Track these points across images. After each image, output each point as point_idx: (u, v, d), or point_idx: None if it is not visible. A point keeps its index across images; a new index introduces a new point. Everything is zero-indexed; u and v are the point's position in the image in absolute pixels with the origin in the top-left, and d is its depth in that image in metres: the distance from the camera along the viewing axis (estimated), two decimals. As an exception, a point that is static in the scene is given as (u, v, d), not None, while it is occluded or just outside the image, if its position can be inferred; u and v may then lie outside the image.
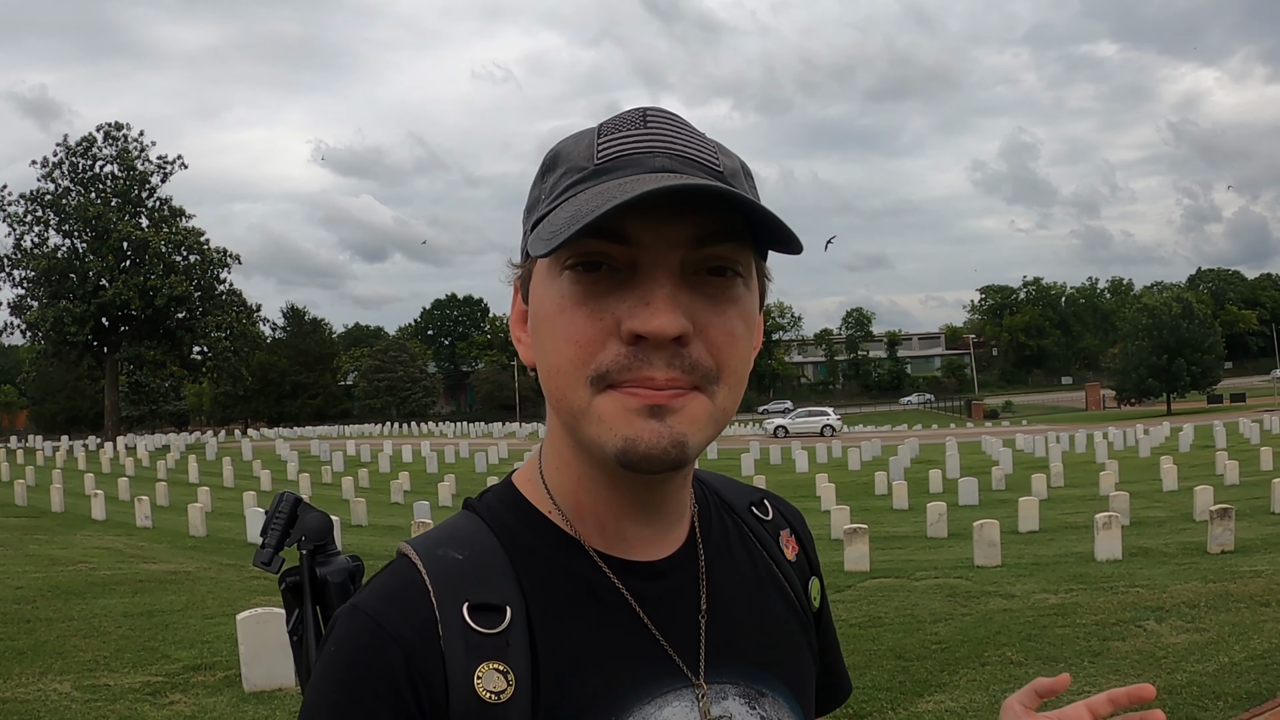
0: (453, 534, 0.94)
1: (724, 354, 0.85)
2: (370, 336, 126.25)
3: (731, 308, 0.86)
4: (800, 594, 1.09)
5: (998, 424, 67.32)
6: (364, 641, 0.85)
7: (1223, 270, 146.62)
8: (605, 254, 0.83)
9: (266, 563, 1.21)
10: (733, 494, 1.13)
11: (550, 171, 0.91)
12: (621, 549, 0.95)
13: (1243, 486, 21.22)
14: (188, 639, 9.34)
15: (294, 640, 1.17)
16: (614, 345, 0.83)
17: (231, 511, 21.68)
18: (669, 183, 0.77)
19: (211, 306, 65.61)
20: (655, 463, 0.83)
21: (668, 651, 0.92)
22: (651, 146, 0.86)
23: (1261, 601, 9.32)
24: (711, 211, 0.82)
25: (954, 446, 33.31)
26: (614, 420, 0.83)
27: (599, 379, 0.83)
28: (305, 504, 1.23)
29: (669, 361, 0.82)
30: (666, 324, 0.80)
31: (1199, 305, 78.60)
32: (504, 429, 72.81)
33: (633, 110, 0.90)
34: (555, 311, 0.86)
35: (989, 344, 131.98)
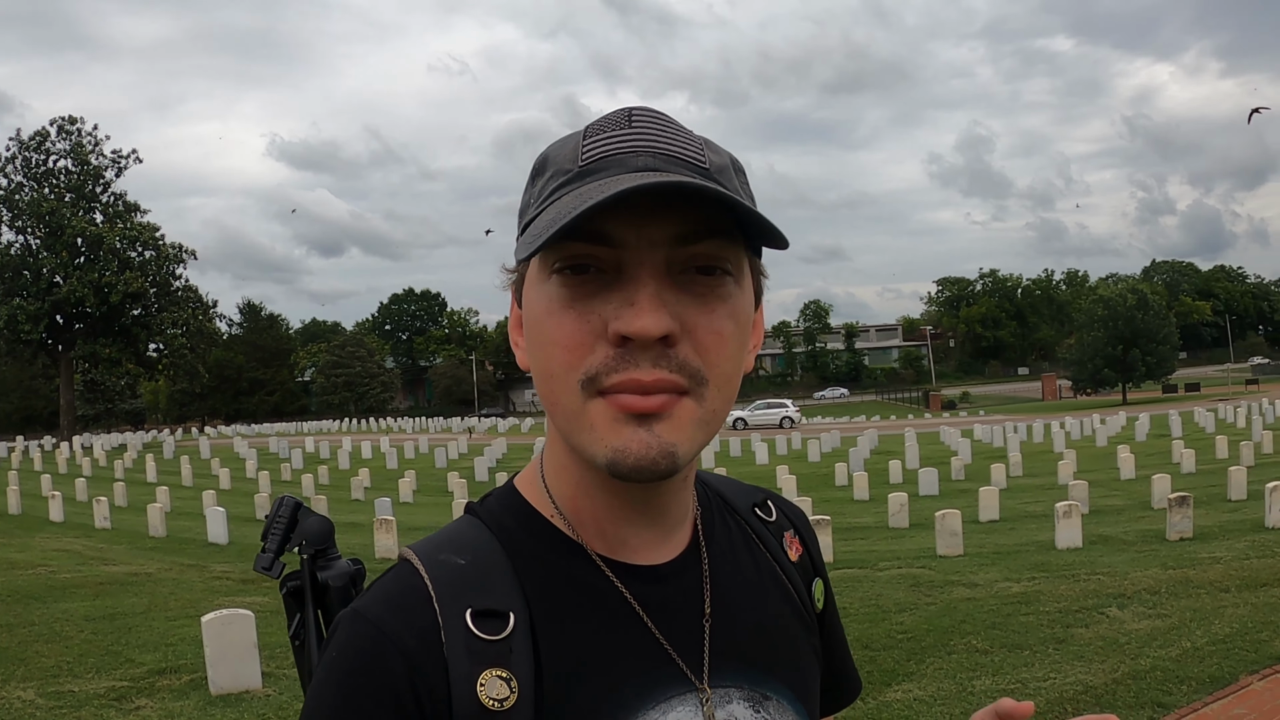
0: (455, 539, 0.94)
1: (712, 355, 0.84)
2: (327, 332, 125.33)
3: (720, 307, 0.85)
4: (804, 595, 1.08)
5: (955, 415, 67.89)
6: (366, 648, 0.84)
7: (1177, 262, 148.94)
8: (591, 256, 0.82)
9: (267, 567, 1.21)
10: (736, 495, 1.12)
11: (539, 175, 0.90)
12: (624, 553, 0.94)
13: (1199, 475, 21.57)
14: (151, 642, 9.21)
15: (296, 645, 1.17)
16: (602, 348, 0.82)
17: (191, 511, 21.51)
18: (643, 181, 0.77)
19: (167, 303, 64.73)
20: (645, 473, 0.82)
21: (672, 656, 0.91)
22: (635, 146, 0.85)
23: (1221, 587, 9.47)
24: (695, 209, 0.81)
25: (913, 437, 33.65)
26: (604, 430, 0.82)
27: (589, 382, 0.82)
28: (306, 508, 1.23)
29: (655, 362, 0.81)
30: (651, 324, 0.79)
31: (1154, 296, 79.39)
32: (463, 424, 72.58)
33: (618, 111, 0.89)
34: (544, 315, 0.85)
35: (946, 335, 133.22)
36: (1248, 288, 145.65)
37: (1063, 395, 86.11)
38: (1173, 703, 6.49)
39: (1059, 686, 6.88)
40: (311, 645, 1.13)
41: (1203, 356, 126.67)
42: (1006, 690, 6.86)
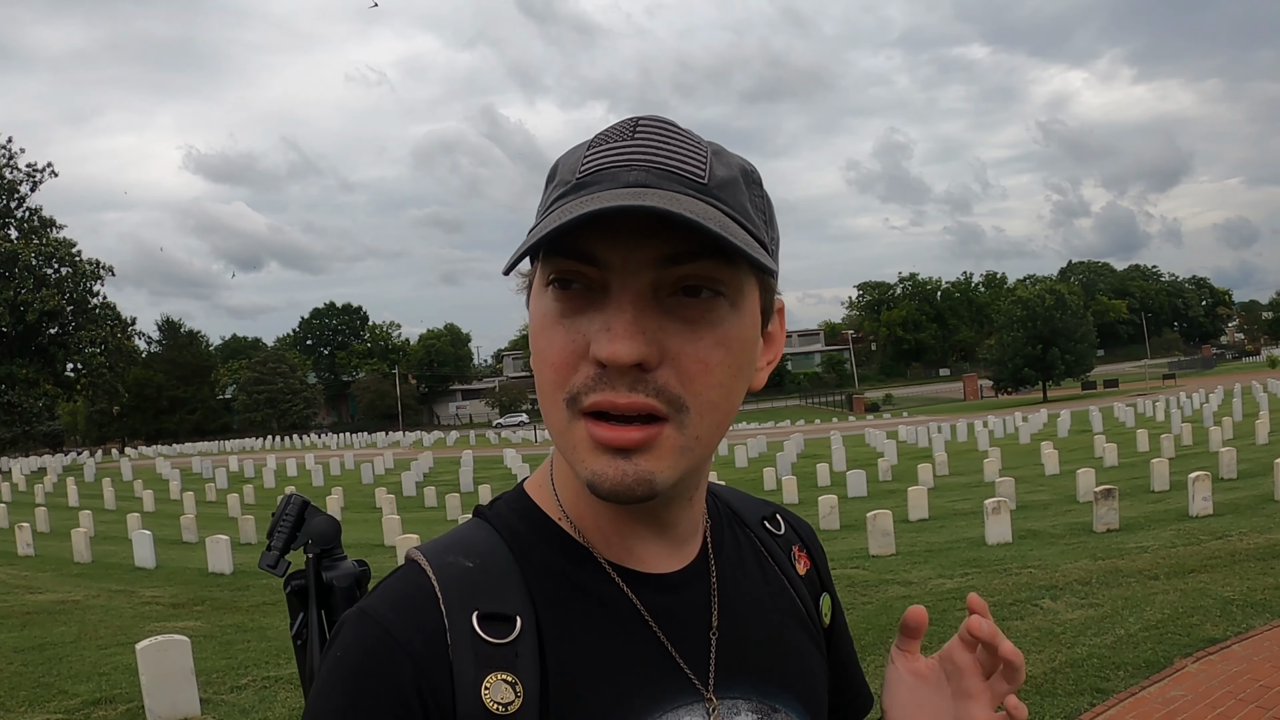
0: (463, 541, 0.92)
1: (695, 383, 0.82)
2: (248, 348, 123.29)
3: (708, 334, 0.82)
4: (812, 610, 1.08)
5: (879, 417, 68.78)
6: (372, 649, 0.83)
7: (1093, 262, 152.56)
8: (578, 273, 0.81)
9: (272, 565, 1.20)
10: (745, 508, 1.11)
11: (548, 184, 0.89)
12: (632, 561, 0.93)
13: (1122, 468, 22.10)
14: (84, 672, 8.93)
15: (298, 645, 1.16)
16: (585, 367, 0.81)
17: (116, 535, 21.01)
18: (611, 204, 0.75)
19: (85, 321, 63.36)
20: (622, 498, 0.82)
21: (680, 665, 0.90)
22: (630, 160, 0.82)
23: (1150, 575, 9.70)
24: (685, 229, 0.77)
25: (839, 440, 33.89)
26: (583, 453, 0.82)
27: (571, 401, 0.82)
28: (313, 507, 1.22)
29: (631, 386, 0.80)
30: (622, 351, 0.78)
31: (1071, 296, 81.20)
32: (387, 439, 71.85)
33: (627, 120, 0.87)
34: (539, 330, 0.86)
35: (867, 339, 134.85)
36: (1162, 286, 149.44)
37: (984, 395, 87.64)
38: (1110, 688, 6.63)
39: (998, 679, 6.98)
40: (314, 645, 1.12)
41: (1120, 354, 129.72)
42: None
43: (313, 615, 1.14)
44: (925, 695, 0.99)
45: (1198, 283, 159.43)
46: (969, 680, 0.97)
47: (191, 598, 13.20)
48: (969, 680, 0.97)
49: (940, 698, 0.99)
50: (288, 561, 1.20)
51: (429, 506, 26.52)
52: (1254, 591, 8.70)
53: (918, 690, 1.00)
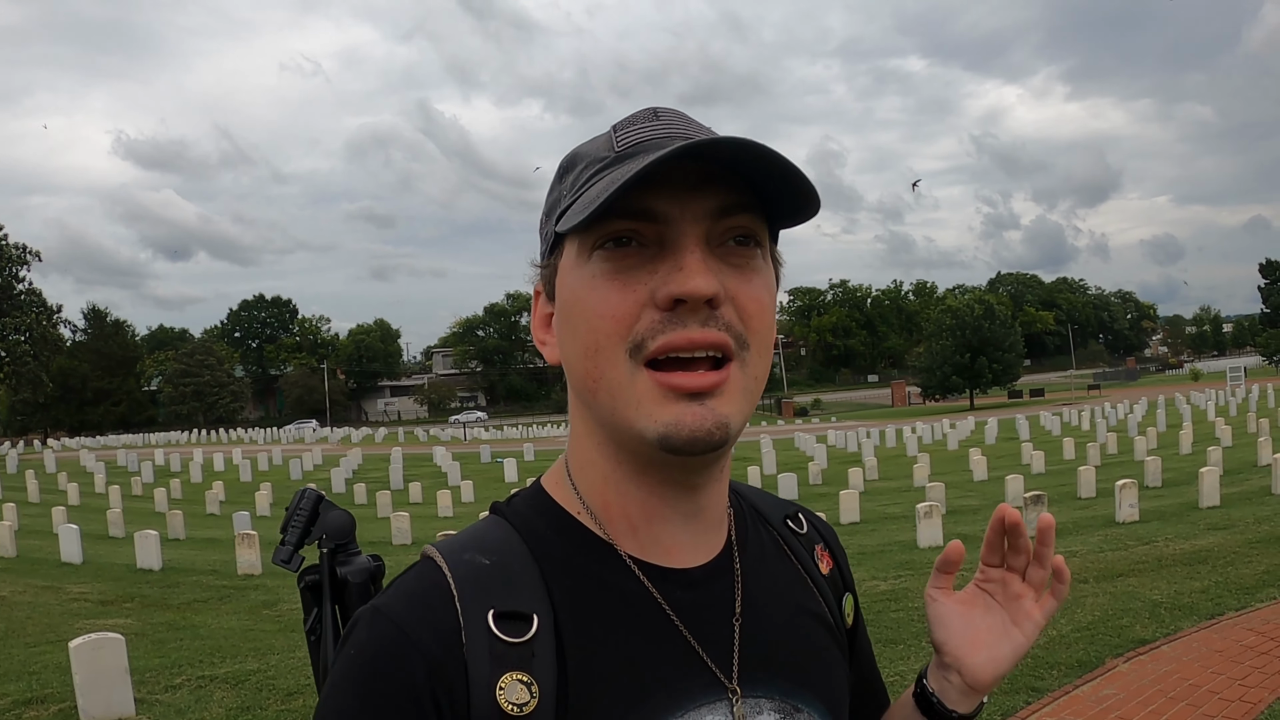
0: (479, 538, 0.92)
1: (754, 320, 0.86)
2: (175, 339, 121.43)
3: (756, 277, 0.88)
4: (835, 609, 1.07)
5: (808, 421, 69.21)
6: (386, 648, 0.82)
7: (1021, 274, 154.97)
8: (634, 231, 0.84)
9: (286, 560, 1.19)
10: (768, 506, 1.11)
11: (568, 172, 0.92)
12: (656, 554, 0.92)
13: (1049, 475, 22.54)
14: (13, 671, 8.72)
15: (311, 640, 1.15)
16: (648, 314, 0.83)
17: (41, 529, 20.57)
18: (702, 138, 0.80)
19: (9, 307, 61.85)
20: (700, 445, 0.83)
21: (705, 662, 0.90)
22: (669, 132, 0.87)
23: (1080, 579, 9.91)
24: (730, 186, 0.84)
25: (769, 444, 34.10)
26: (653, 405, 0.83)
27: (636, 349, 0.83)
28: (327, 502, 1.21)
29: (704, 322, 0.83)
30: (702, 284, 0.81)
31: (999, 307, 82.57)
32: (315, 434, 71.02)
33: (644, 109, 0.92)
34: (588, 290, 0.86)
35: (797, 344, 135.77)
36: (1089, 299, 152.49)
37: (912, 401, 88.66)
38: (1045, 687, 6.79)
39: (934, 680, 7.10)
40: (328, 641, 1.11)
41: (1047, 364, 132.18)
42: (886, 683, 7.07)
43: (327, 611, 1.12)
44: (977, 616, 1.02)
45: (1124, 297, 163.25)
46: (1012, 584, 1.02)
47: (121, 594, 12.97)
48: (1012, 584, 1.02)
49: (991, 613, 1.02)
50: (301, 557, 1.19)
51: (359, 503, 26.33)
52: (1181, 595, 8.96)
53: (969, 615, 1.02)
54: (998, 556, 1.02)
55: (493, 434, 64.94)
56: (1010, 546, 1.02)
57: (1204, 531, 12.21)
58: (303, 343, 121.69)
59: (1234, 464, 20.04)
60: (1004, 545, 1.02)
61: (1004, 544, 1.02)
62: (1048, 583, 1.02)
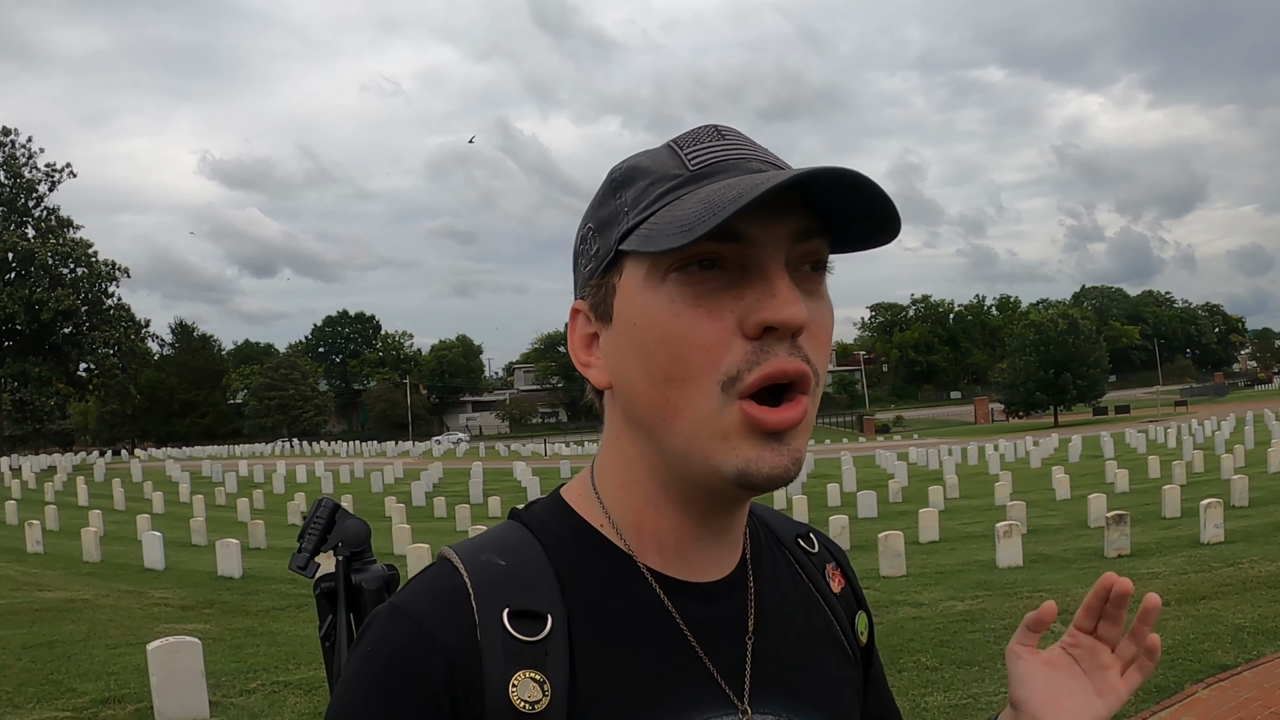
0: (498, 541, 0.92)
1: (821, 351, 0.85)
2: (260, 353, 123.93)
3: (824, 306, 0.86)
4: (847, 629, 1.06)
5: (890, 438, 68.62)
6: (404, 644, 0.83)
7: (1106, 287, 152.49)
8: (716, 254, 0.81)
9: (302, 567, 1.20)
10: (780, 525, 1.10)
11: (625, 187, 0.88)
12: (678, 568, 0.92)
13: (1133, 494, 22.02)
14: (93, 671, 8.95)
15: (326, 646, 1.16)
16: (739, 344, 0.81)
17: (125, 536, 21.08)
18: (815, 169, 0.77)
19: (99, 321, 63.59)
20: (777, 483, 0.82)
21: (714, 676, 0.89)
22: (742, 153, 0.85)
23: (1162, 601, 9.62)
24: (806, 210, 0.82)
25: (849, 461, 33.87)
26: (737, 440, 0.81)
27: (730, 383, 0.81)
28: (344, 510, 1.22)
29: (790, 351, 0.81)
30: (797, 313, 0.79)
31: (1084, 321, 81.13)
32: (397, 448, 71.98)
33: (704, 127, 0.89)
34: (669, 317, 0.82)
35: (879, 360, 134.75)
36: (1175, 312, 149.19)
37: (995, 418, 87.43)
38: (1122, 712, 6.56)
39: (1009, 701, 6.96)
40: (341, 646, 1.12)
41: (1132, 379, 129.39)
42: (959, 706, 6.95)
43: (341, 617, 1.14)
44: (1061, 679, 1.01)
45: (1211, 309, 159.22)
46: (1100, 654, 1.01)
47: (201, 600, 13.24)
48: (1100, 654, 1.01)
49: (1075, 678, 1.01)
50: (317, 564, 1.21)
51: (438, 517, 26.57)
52: (1265, 619, 8.68)
53: (1053, 677, 1.01)
54: (1092, 622, 1.01)
55: (573, 449, 65.28)
56: (1108, 616, 1.00)
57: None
58: (386, 358, 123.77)
59: (1326, 484, 19.39)
60: (1102, 612, 1.00)
61: (1102, 611, 1.00)
62: (1137, 656, 1.00)
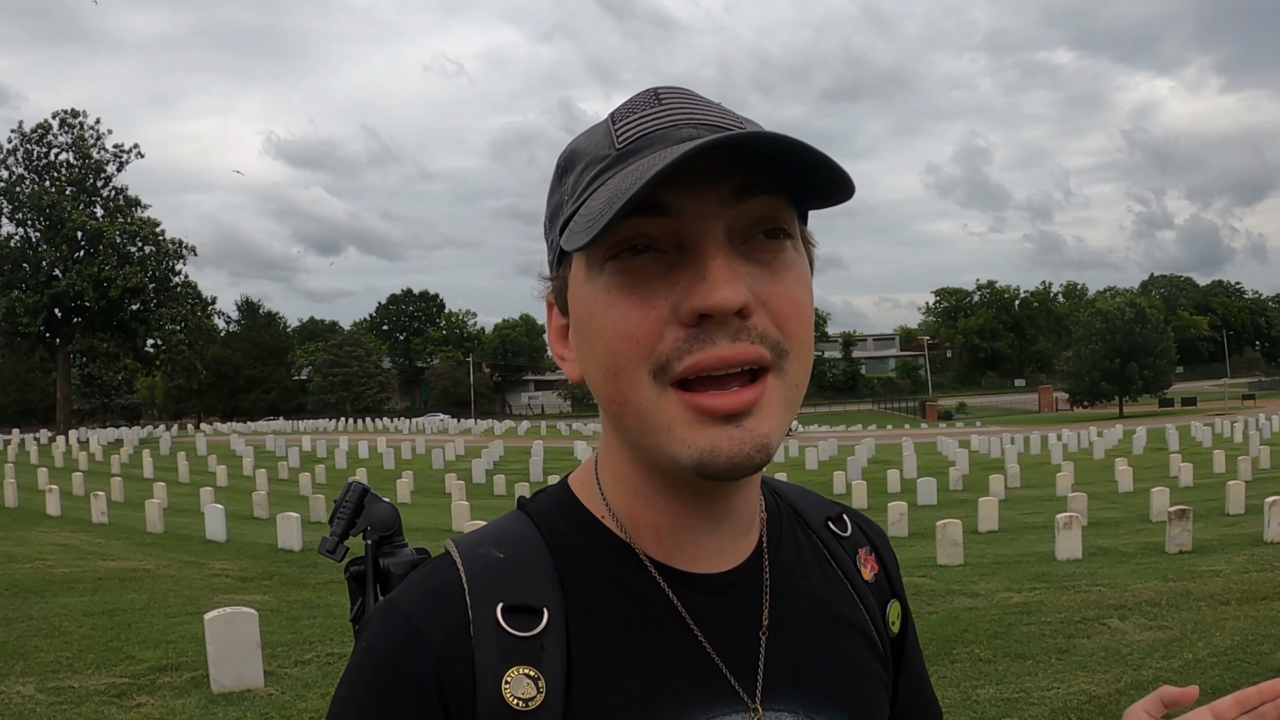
0: (498, 533, 0.91)
1: (790, 323, 0.79)
2: (324, 331, 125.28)
3: (788, 273, 0.79)
4: (877, 618, 1.01)
5: (952, 425, 68.03)
6: (394, 642, 0.82)
7: (1174, 276, 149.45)
8: (646, 235, 0.76)
9: (331, 550, 1.21)
10: (809, 507, 1.05)
11: (568, 172, 0.86)
12: (681, 560, 0.88)
13: (1197, 489, 21.61)
14: (151, 639, 9.15)
15: (356, 629, 1.14)
16: (671, 332, 0.76)
17: (188, 508, 21.46)
18: (710, 138, 0.71)
19: (166, 299, 64.51)
20: (739, 470, 0.77)
21: (722, 672, 0.86)
22: (674, 120, 0.80)
23: (1222, 600, 9.48)
24: (748, 169, 0.76)
25: (910, 447, 33.69)
26: (685, 430, 0.77)
27: (660, 371, 0.76)
28: (373, 494, 1.23)
29: (734, 336, 0.75)
30: (729, 295, 0.73)
31: (1151, 310, 79.71)
32: (459, 425, 72.59)
33: (643, 92, 0.84)
34: (603, 307, 0.79)
35: (943, 346, 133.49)
36: (1245, 303, 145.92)
37: (1059, 408, 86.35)
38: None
39: (1062, 696, 6.90)
40: None
41: (1200, 371, 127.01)
42: (1010, 700, 6.87)
43: (370, 601, 1.14)
44: None
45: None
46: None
47: (260, 572, 13.45)
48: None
49: None
50: (346, 547, 1.22)
51: (498, 494, 26.75)
52: (1330, 621, 8.47)
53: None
54: (1237, 713, 0.92)
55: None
56: (1261, 714, 0.91)
57: (1359, 554, 11.53)
58: (449, 336, 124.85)
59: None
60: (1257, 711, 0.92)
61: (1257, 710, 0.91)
62: None
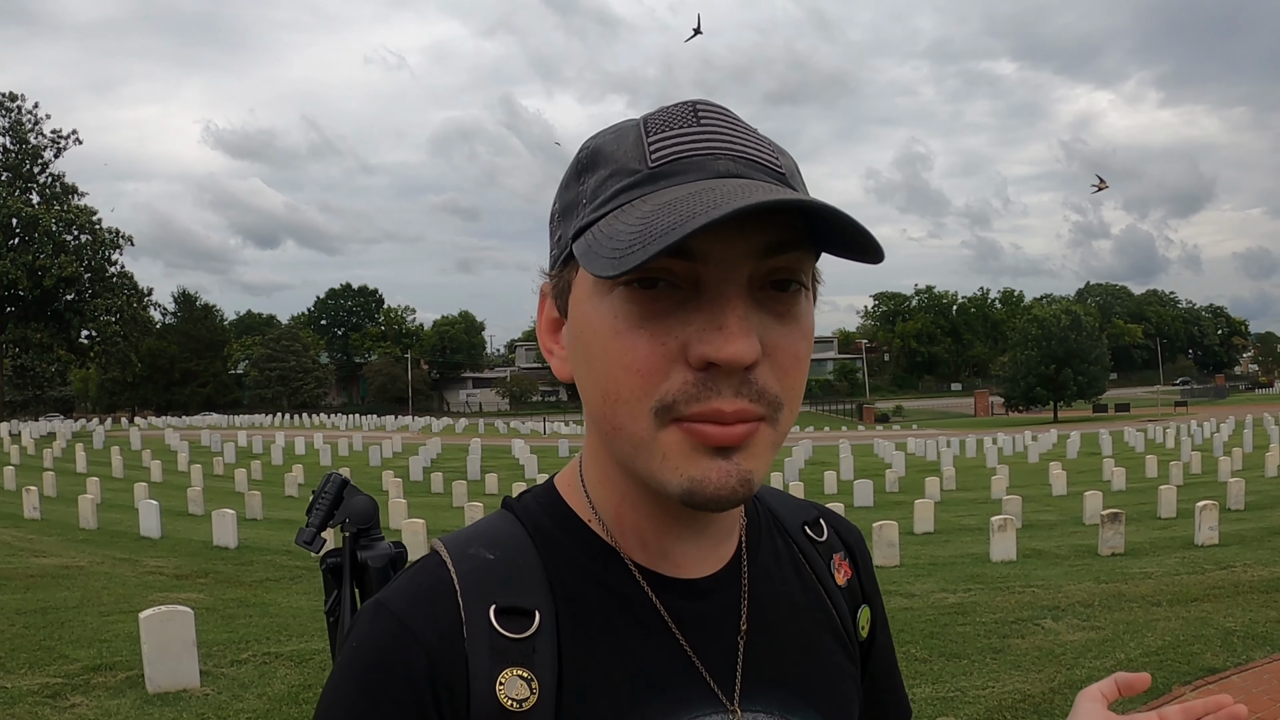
0: (487, 533, 0.90)
1: (789, 378, 0.78)
2: (262, 324, 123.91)
3: (796, 327, 0.79)
4: (848, 622, 1.02)
5: (889, 428, 68.62)
6: (387, 643, 0.81)
7: (1110, 285, 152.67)
8: (667, 272, 0.74)
9: (309, 542, 1.20)
10: (786, 512, 1.05)
11: (588, 171, 0.82)
12: (663, 565, 0.89)
13: (1129, 492, 22.04)
14: (85, 638, 8.95)
15: (330, 621, 1.16)
16: (679, 372, 0.75)
17: (122, 504, 21.08)
18: (757, 198, 0.68)
19: (101, 289, 63.48)
20: (724, 502, 0.77)
21: (702, 674, 0.87)
22: (712, 147, 0.78)
23: (1153, 601, 9.68)
24: (783, 224, 0.75)
25: (847, 449, 33.92)
26: (679, 459, 0.76)
27: (663, 410, 0.76)
28: (352, 486, 1.23)
29: (737, 390, 0.75)
30: (743, 350, 0.73)
31: (1087, 318, 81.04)
32: (396, 422, 72.10)
33: (681, 104, 0.82)
34: (609, 334, 0.77)
35: (881, 349, 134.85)
36: (1179, 312, 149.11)
37: (995, 412, 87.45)
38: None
39: (997, 695, 7.00)
40: (345, 623, 1.11)
41: (1133, 378, 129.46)
42: (946, 699, 6.96)
43: (346, 593, 1.13)
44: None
45: (1214, 311, 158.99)
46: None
47: (195, 570, 13.24)
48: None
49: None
50: (324, 539, 1.21)
51: (435, 492, 26.59)
52: (1256, 623, 8.68)
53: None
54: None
55: (573, 429, 65.29)
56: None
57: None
58: (388, 332, 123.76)
59: (1322, 489, 19.39)
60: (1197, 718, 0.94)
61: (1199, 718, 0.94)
62: None
